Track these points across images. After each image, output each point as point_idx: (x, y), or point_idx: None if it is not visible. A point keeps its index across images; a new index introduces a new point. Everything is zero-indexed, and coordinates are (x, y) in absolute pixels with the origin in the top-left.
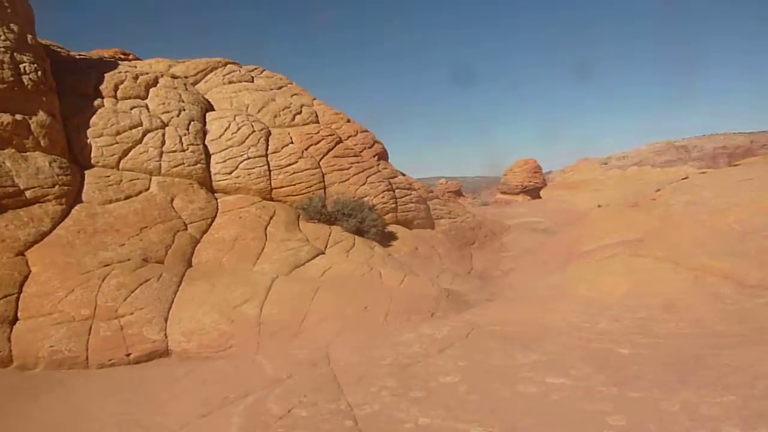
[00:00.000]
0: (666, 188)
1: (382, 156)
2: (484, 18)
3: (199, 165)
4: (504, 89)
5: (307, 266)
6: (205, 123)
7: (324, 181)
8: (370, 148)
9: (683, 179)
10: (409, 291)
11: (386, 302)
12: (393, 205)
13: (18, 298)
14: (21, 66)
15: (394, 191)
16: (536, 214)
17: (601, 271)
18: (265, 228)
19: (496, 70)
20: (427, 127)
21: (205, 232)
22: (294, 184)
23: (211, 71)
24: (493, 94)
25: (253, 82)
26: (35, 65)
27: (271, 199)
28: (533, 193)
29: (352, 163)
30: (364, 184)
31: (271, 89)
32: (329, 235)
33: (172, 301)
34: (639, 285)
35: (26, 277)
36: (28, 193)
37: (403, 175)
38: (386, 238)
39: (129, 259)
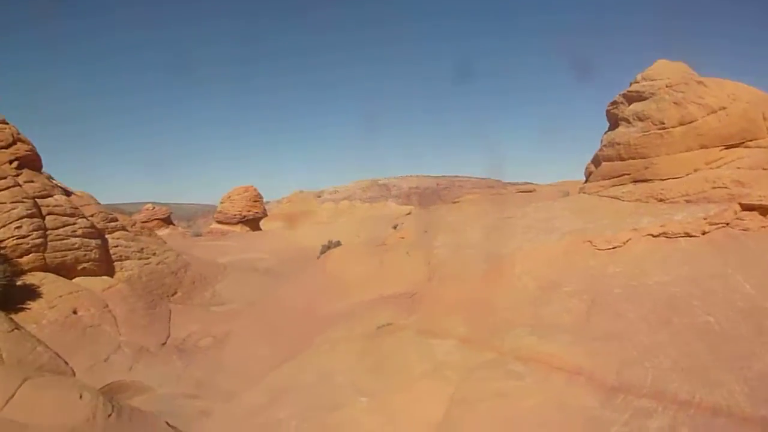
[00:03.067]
0: (406, 224)
1: (30, 163)
2: None
3: None
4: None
5: None
6: None
7: None
8: (5, 148)
9: (407, 214)
10: (28, 420)
11: None
12: (39, 241)
13: None
14: None
15: (43, 219)
16: (257, 249)
17: (385, 369)
18: None
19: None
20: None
21: None
22: None
23: None
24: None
25: None
26: None
27: None
28: (253, 224)
29: None
30: None
31: None
32: None
33: None
34: (463, 406)
35: None
36: None
37: (67, 194)
38: (17, 297)
39: None
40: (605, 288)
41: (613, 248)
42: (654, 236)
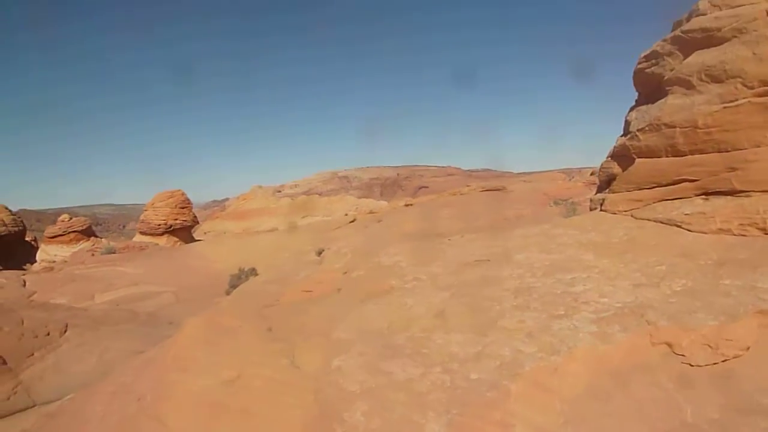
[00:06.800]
0: (335, 253)
1: None
2: None
3: None
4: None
5: None
6: None
7: None
8: None
9: (351, 222)
10: None
11: None
12: None
13: None
14: None
15: None
16: (158, 276)
17: None
18: None
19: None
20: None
21: None
22: None
23: None
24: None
25: None
26: None
27: None
28: (182, 233)
29: None
30: None
31: None
32: None
33: None
34: None
35: None
36: None
37: None
38: None
39: None
40: None
41: (724, 362)
42: None
